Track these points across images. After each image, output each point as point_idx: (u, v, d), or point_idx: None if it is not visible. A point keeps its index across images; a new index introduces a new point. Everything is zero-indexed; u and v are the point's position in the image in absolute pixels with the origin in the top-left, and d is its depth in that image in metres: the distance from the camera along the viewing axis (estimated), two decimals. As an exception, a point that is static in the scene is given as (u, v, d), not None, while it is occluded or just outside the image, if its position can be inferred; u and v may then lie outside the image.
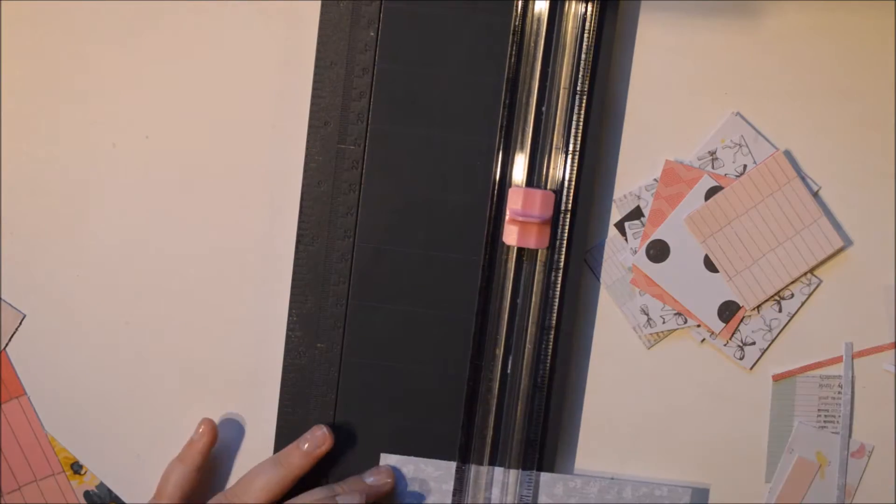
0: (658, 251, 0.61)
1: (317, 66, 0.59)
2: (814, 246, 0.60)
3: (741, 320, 0.61)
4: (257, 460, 0.59)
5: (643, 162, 0.61)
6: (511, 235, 0.58)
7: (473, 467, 0.59)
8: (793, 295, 0.61)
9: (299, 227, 0.60)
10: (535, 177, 0.59)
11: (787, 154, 0.60)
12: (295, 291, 0.60)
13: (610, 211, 0.61)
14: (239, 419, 0.62)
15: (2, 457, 0.63)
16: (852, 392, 0.61)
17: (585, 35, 0.58)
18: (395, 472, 0.59)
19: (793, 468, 0.62)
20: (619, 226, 0.61)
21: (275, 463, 0.58)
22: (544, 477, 0.59)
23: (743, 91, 0.60)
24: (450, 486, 0.59)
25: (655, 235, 0.61)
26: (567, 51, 0.58)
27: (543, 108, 0.59)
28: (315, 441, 0.58)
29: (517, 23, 0.58)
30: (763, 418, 0.62)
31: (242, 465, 0.62)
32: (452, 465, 0.59)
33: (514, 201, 0.58)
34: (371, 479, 0.59)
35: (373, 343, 0.60)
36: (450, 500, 0.59)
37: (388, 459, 0.60)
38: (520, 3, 0.58)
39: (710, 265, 0.61)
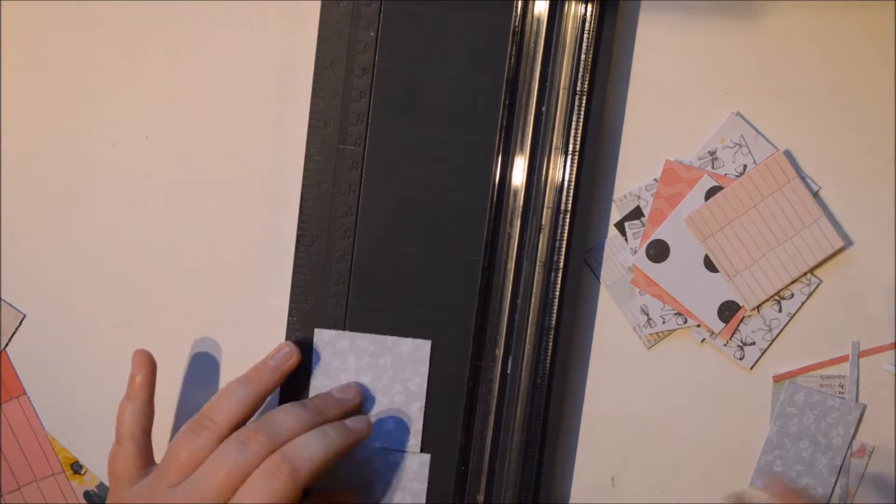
0: (658, 251, 0.61)
1: (317, 66, 0.59)
2: (814, 246, 0.60)
3: (741, 320, 0.61)
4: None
5: (643, 162, 0.61)
6: None
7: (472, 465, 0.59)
8: (793, 295, 0.61)
9: (299, 227, 0.60)
10: (535, 177, 0.59)
11: (787, 154, 0.60)
12: (295, 291, 0.60)
13: (610, 211, 0.61)
14: (239, 419, 0.62)
15: (2, 457, 0.63)
16: (857, 390, 0.61)
17: (585, 35, 0.58)
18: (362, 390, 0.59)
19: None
20: (619, 226, 0.61)
21: (244, 382, 0.57)
22: None
23: (743, 91, 0.60)
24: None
25: (655, 235, 0.61)
26: (567, 51, 0.58)
27: (543, 108, 0.59)
28: (282, 357, 0.58)
29: (517, 23, 0.58)
30: (763, 418, 0.62)
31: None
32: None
33: None
34: (340, 395, 0.58)
35: (373, 343, 0.60)
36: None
37: (322, 335, 0.60)
38: (520, 4, 0.58)
39: (710, 265, 0.61)
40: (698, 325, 0.61)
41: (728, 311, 0.61)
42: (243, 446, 0.53)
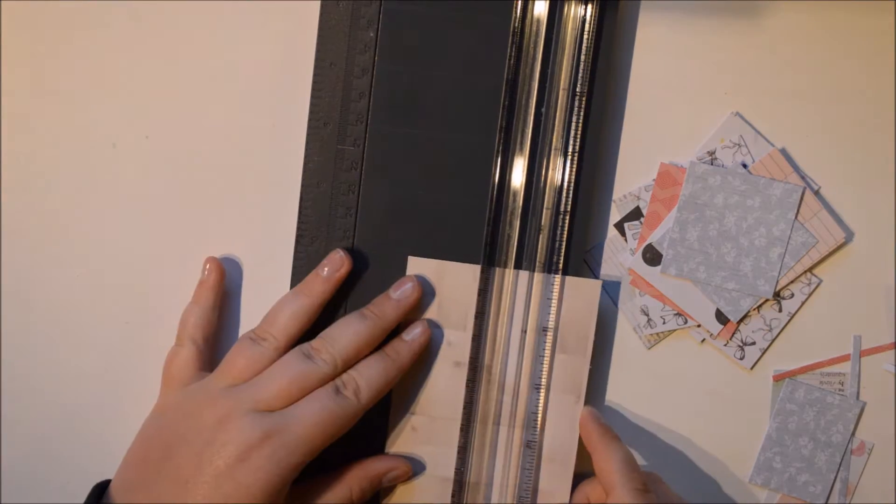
0: (654, 255, 0.60)
1: (317, 66, 0.59)
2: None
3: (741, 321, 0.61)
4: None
5: (642, 162, 0.61)
6: None
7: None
8: (793, 295, 0.61)
9: (299, 228, 0.60)
10: (534, 177, 0.59)
11: (787, 154, 0.60)
12: (295, 291, 0.60)
13: (609, 211, 0.61)
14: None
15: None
16: (858, 386, 0.62)
17: (585, 36, 0.58)
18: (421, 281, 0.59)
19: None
20: (619, 226, 0.61)
21: (297, 293, 0.57)
22: None
23: (743, 91, 0.60)
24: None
25: (651, 239, 0.60)
26: (566, 52, 0.58)
27: (543, 109, 0.59)
28: (333, 265, 0.58)
29: (517, 24, 0.58)
30: (763, 418, 0.62)
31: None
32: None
33: None
34: (397, 293, 0.58)
35: (373, 343, 0.60)
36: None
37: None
38: (519, 4, 0.58)
39: (709, 265, 0.61)
40: (698, 326, 0.61)
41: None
42: (307, 359, 0.54)
